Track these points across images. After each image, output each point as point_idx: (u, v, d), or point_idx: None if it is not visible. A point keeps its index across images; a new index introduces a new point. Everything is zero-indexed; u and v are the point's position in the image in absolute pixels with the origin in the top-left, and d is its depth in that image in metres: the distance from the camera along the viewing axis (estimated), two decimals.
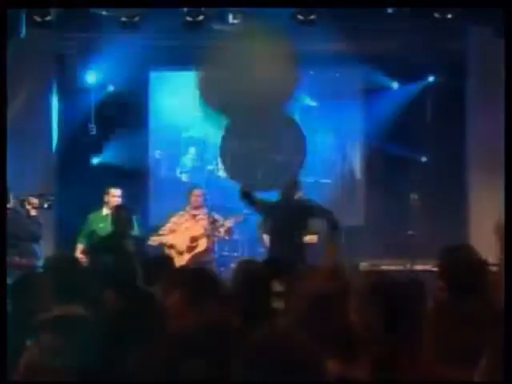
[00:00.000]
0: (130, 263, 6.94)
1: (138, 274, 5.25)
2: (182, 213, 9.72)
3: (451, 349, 2.68)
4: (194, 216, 9.64)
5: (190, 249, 9.42)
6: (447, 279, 4.16)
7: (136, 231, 8.98)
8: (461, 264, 4.17)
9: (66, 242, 10.11)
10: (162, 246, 9.48)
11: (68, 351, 2.31)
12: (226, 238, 9.59)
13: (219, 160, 9.66)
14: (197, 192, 9.74)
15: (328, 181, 11.65)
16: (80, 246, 9.16)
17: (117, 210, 8.33)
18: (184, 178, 12.23)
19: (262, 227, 9.77)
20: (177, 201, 10.26)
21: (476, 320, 2.67)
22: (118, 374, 2.55)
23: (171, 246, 9.44)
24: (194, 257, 9.37)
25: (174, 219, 9.69)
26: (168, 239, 9.50)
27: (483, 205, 10.60)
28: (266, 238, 9.79)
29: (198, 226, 9.53)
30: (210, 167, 12.41)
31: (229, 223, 9.44)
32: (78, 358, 2.33)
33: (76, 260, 5.08)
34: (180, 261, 8.87)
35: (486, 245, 6.05)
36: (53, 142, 11.26)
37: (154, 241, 9.43)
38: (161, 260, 6.06)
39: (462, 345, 2.65)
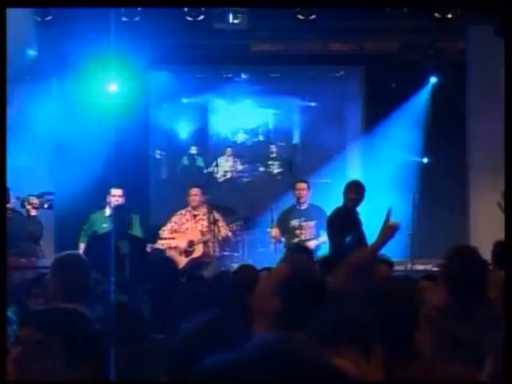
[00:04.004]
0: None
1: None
2: (183, 212, 9.65)
3: (450, 349, 2.68)
4: (195, 216, 9.58)
5: (188, 253, 9.39)
6: (450, 281, 4.14)
7: (137, 231, 8.98)
8: (465, 267, 4.15)
9: (66, 242, 10.09)
10: (165, 247, 9.46)
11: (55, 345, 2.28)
12: (222, 242, 9.54)
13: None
14: (194, 191, 9.62)
15: (328, 181, 11.63)
16: (82, 246, 9.15)
17: (116, 209, 8.29)
18: (184, 177, 12.22)
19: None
20: (177, 201, 10.24)
21: (477, 322, 2.66)
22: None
23: (174, 247, 9.41)
24: (191, 260, 9.35)
25: (175, 219, 9.64)
26: (171, 242, 9.46)
27: (483, 205, 10.59)
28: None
29: (197, 231, 9.45)
30: (210, 167, 12.42)
31: (225, 232, 9.37)
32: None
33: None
34: (180, 261, 8.85)
35: (486, 245, 6.05)
36: (53, 142, 11.24)
37: (161, 244, 9.40)
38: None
39: (463, 346, 2.65)
